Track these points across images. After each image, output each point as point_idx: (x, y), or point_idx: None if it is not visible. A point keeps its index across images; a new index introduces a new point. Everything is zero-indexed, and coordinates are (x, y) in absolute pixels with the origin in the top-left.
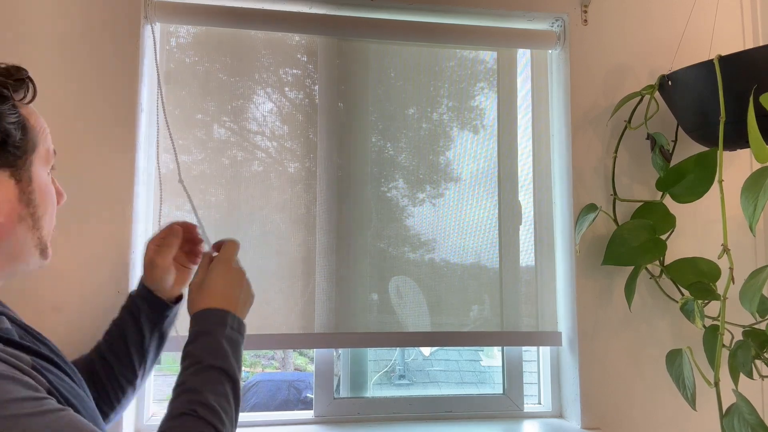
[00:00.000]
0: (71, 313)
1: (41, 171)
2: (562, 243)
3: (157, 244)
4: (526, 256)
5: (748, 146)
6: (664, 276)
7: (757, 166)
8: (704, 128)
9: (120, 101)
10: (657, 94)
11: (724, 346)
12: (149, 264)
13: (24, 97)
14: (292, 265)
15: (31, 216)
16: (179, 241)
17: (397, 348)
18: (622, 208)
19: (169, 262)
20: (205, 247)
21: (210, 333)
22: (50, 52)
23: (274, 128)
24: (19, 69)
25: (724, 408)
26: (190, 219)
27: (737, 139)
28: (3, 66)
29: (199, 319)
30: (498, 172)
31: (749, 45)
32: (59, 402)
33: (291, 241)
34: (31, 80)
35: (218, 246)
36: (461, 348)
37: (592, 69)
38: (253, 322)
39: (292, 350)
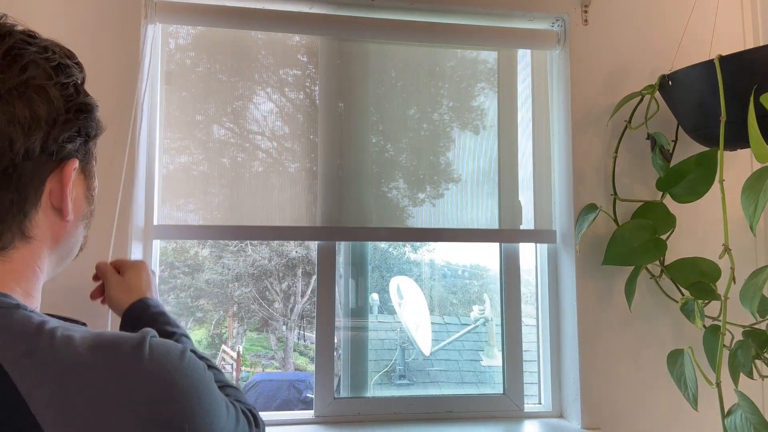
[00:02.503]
0: (71, 313)
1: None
2: (562, 243)
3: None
4: (527, 256)
5: (749, 146)
6: (664, 276)
7: (757, 166)
8: (705, 128)
9: (120, 101)
10: (657, 94)
11: (724, 346)
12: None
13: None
14: (291, 265)
15: (91, 214)
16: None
17: (398, 347)
18: (623, 208)
19: None
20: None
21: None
22: None
23: (274, 128)
24: (72, 52)
25: (726, 408)
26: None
27: (738, 139)
28: (58, 48)
29: (135, 309)
30: (498, 172)
31: (749, 45)
32: None
33: (291, 242)
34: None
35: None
36: (461, 348)
37: (593, 69)
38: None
39: (292, 350)
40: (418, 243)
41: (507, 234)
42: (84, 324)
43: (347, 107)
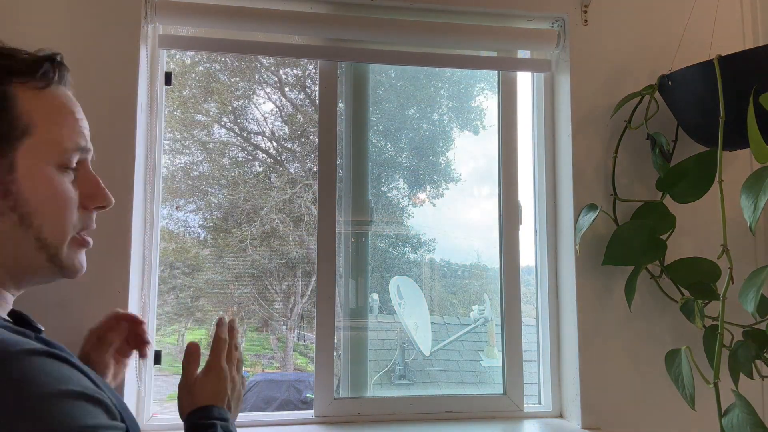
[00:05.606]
0: (73, 311)
1: (38, 163)
2: (562, 243)
3: (97, 337)
4: (526, 256)
5: (748, 146)
6: (664, 276)
7: (757, 166)
8: (704, 128)
9: (120, 101)
10: (657, 94)
11: (724, 346)
12: (84, 357)
13: (28, 78)
14: (291, 265)
15: (12, 210)
16: (121, 339)
17: (398, 347)
18: (622, 208)
19: (106, 360)
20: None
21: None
22: None
23: (274, 129)
24: (39, 55)
25: (723, 407)
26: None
27: (737, 139)
28: (25, 52)
29: (192, 417)
30: (498, 172)
31: (749, 45)
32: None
33: (291, 241)
34: (50, 60)
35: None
36: (461, 348)
37: (592, 69)
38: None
39: (292, 350)
40: (417, 243)
41: (504, 61)
42: (38, 330)
43: (347, 107)
